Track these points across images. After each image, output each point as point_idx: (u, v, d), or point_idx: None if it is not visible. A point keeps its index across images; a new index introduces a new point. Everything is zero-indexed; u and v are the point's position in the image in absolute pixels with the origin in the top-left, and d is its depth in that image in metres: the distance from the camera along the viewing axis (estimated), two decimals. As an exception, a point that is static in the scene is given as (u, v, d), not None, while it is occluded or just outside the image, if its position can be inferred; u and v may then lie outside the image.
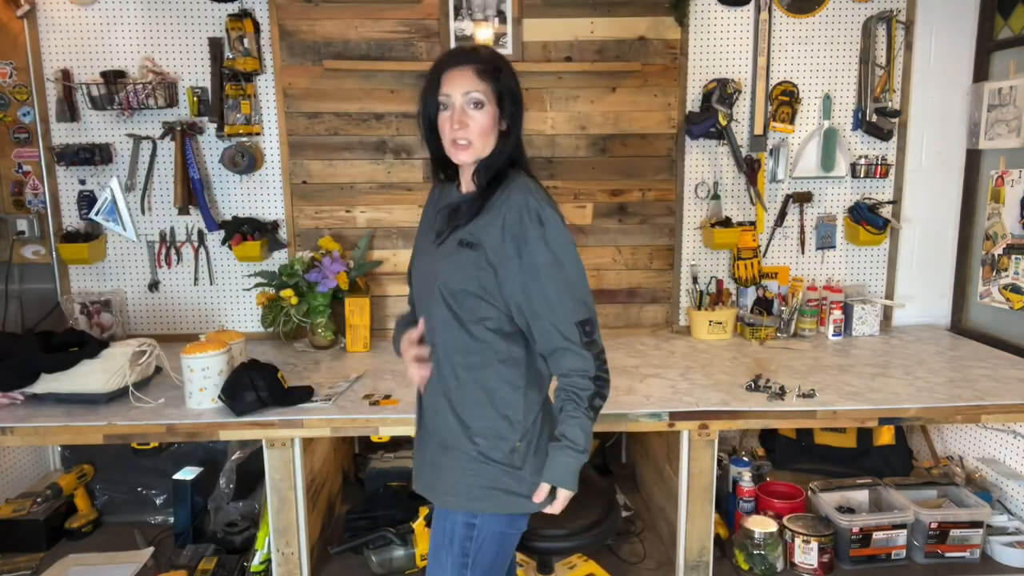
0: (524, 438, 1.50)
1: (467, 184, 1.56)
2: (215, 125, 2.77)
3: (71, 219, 2.84)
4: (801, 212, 2.96)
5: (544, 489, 1.48)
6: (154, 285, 2.90)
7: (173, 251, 2.89)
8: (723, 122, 2.76)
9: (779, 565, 2.30)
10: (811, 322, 2.90)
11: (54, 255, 2.85)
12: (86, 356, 2.16)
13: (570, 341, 1.44)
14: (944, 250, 3.00)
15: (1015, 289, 2.64)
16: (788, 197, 2.93)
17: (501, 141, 1.51)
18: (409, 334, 1.59)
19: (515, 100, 1.52)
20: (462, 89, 1.45)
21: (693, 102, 2.88)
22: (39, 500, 2.51)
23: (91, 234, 2.81)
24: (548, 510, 1.51)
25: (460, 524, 1.51)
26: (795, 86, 2.87)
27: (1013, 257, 2.65)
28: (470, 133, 1.46)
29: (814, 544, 2.28)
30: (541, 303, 1.44)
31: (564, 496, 1.49)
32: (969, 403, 2.12)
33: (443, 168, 1.60)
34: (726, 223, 2.87)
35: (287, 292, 2.67)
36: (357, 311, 2.75)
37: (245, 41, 2.67)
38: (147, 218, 2.86)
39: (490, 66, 1.48)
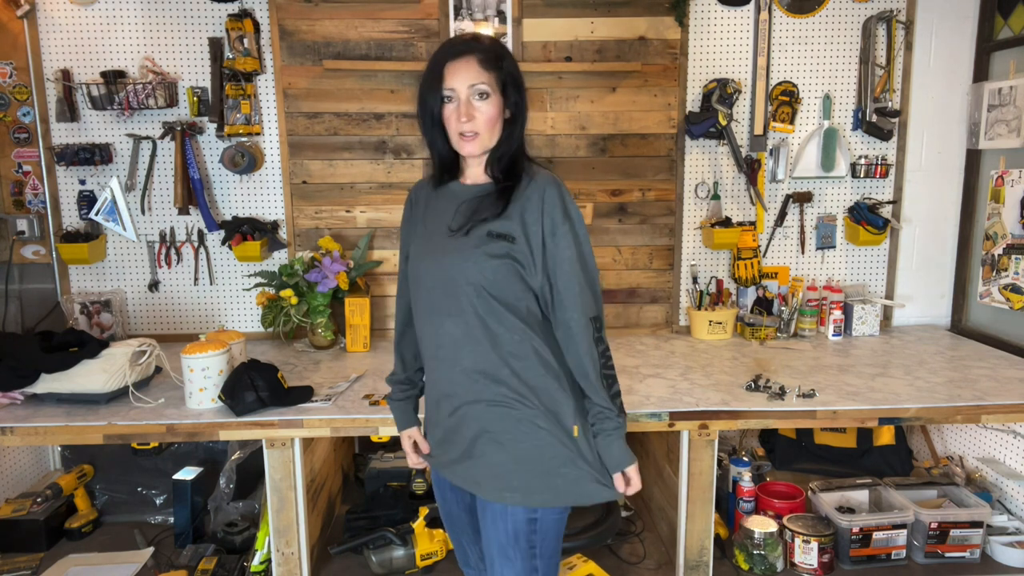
0: (577, 420, 1.51)
1: (475, 176, 1.55)
2: (215, 125, 2.77)
3: (71, 219, 2.84)
4: (801, 212, 2.96)
5: (621, 477, 1.52)
6: (154, 285, 2.90)
7: (173, 251, 2.89)
8: (723, 122, 2.76)
9: (779, 565, 2.30)
10: (811, 322, 2.90)
11: (54, 255, 2.85)
12: (86, 356, 2.16)
13: (581, 335, 1.47)
14: (944, 250, 3.00)
15: (1015, 289, 2.64)
16: (788, 197, 2.93)
17: (507, 129, 1.51)
18: (412, 440, 1.70)
19: (518, 87, 1.51)
20: (467, 81, 1.44)
21: (693, 102, 2.88)
22: (39, 500, 2.51)
23: (91, 234, 2.81)
24: (630, 489, 1.53)
25: (522, 521, 1.51)
26: (795, 86, 2.87)
27: (1013, 257, 2.65)
28: (477, 125, 1.46)
29: (814, 544, 2.28)
30: (564, 294, 1.47)
31: (633, 470, 1.52)
32: (969, 403, 2.12)
33: (447, 168, 1.57)
34: (726, 223, 2.87)
35: (287, 292, 2.67)
36: (357, 311, 2.75)
37: (245, 41, 2.67)
38: (147, 218, 2.86)
39: (492, 54, 1.47)
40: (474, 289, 1.45)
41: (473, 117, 1.45)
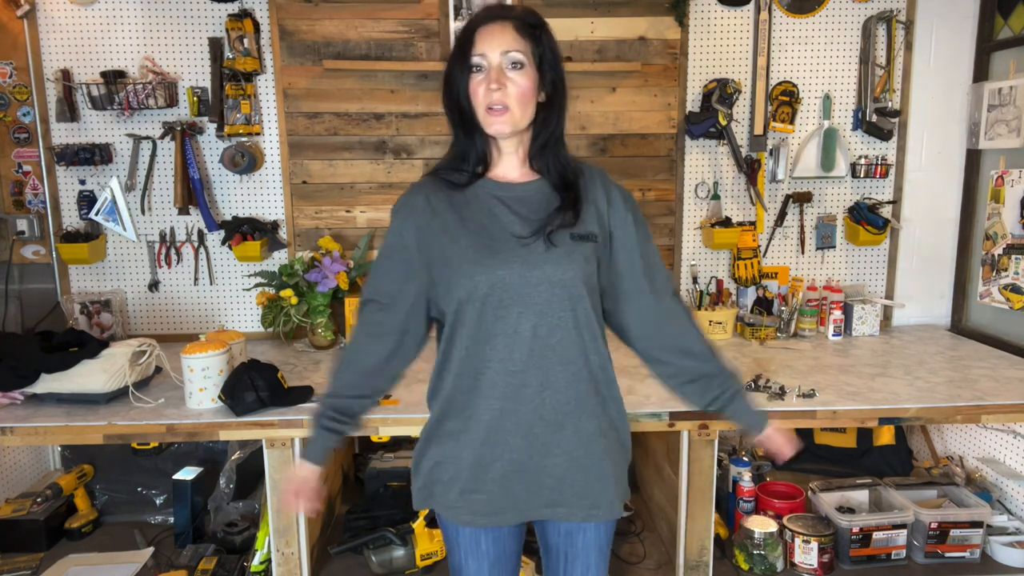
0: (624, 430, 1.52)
1: (513, 172, 1.40)
2: (215, 125, 2.77)
3: (71, 219, 2.84)
4: (801, 212, 2.96)
5: (775, 432, 1.53)
6: (154, 285, 2.90)
7: (173, 251, 2.89)
8: (723, 122, 2.76)
9: (779, 565, 2.30)
10: (811, 322, 2.90)
11: (54, 255, 2.85)
12: (86, 356, 2.16)
13: (686, 312, 1.47)
14: (944, 250, 3.00)
15: (1015, 289, 2.64)
16: (788, 197, 2.93)
17: (541, 113, 1.37)
18: (308, 482, 1.46)
19: (556, 66, 1.36)
20: (500, 47, 1.29)
21: (693, 102, 2.88)
22: (39, 500, 2.51)
23: (91, 234, 2.81)
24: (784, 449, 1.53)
25: (612, 526, 1.53)
26: (795, 86, 2.87)
27: (1013, 257, 2.65)
28: (508, 97, 1.29)
29: (814, 544, 2.28)
30: (657, 280, 1.45)
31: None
32: (969, 403, 2.12)
33: (476, 164, 1.40)
34: (726, 223, 2.87)
35: (287, 292, 2.67)
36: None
37: (245, 41, 2.67)
38: (147, 218, 2.86)
39: (531, 23, 1.33)
40: (571, 303, 1.33)
41: (504, 86, 1.29)
